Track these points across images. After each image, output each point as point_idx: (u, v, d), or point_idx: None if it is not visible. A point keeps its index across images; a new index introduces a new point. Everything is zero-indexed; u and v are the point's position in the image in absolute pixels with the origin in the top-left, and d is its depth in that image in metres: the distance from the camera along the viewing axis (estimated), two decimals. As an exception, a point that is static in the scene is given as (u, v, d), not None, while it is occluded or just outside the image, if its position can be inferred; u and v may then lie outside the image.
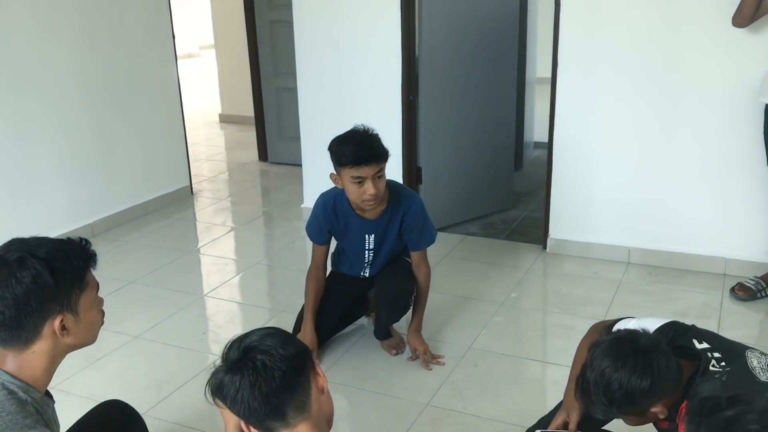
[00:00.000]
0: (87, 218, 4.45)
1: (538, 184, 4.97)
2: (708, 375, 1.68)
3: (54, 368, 1.61)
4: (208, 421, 2.64)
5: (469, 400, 2.75)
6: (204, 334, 3.35)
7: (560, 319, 3.39)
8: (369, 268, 3.05)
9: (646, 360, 1.64)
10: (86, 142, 4.43)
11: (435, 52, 4.20)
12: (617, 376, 1.63)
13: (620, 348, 1.67)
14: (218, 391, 1.41)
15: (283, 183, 5.68)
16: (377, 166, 2.68)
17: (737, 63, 3.44)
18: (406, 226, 2.89)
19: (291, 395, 1.39)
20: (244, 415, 1.41)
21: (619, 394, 1.64)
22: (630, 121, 3.74)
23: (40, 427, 1.48)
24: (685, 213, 3.75)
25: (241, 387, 1.37)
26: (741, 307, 3.39)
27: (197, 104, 8.27)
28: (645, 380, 1.62)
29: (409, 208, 2.87)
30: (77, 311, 1.56)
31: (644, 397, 1.64)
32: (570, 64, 3.77)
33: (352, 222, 2.90)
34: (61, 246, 1.57)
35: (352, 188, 2.72)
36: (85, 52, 4.35)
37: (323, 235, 2.98)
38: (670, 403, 1.70)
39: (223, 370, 1.40)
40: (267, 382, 1.37)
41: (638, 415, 1.72)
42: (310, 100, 4.52)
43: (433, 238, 2.97)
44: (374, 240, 2.94)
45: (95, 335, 1.66)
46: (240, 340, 1.44)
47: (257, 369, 1.37)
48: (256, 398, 1.37)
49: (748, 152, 3.50)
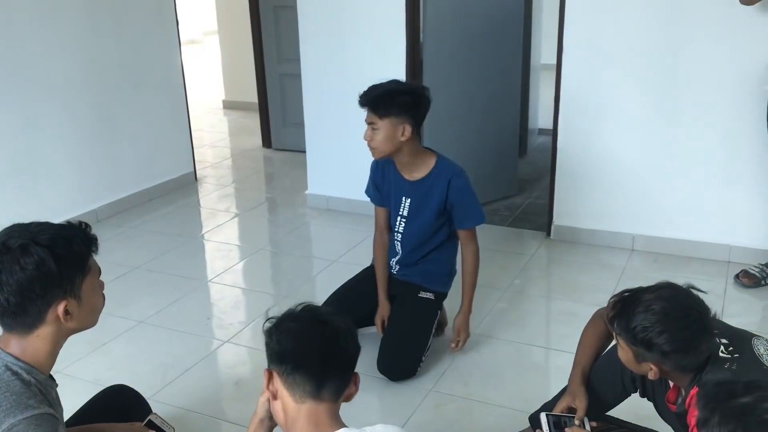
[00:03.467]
0: (91, 204, 4.46)
1: (542, 170, 4.96)
2: (718, 361, 1.69)
3: (57, 351, 1.62)
4: (213, 406, 2.66)
5: (473, 386, 2.76)
6: (208, 319, 3.36)
7: (564, 306, 3.40)
8: (399, 245, 2.93)
9: (692, 335, 1.65)
10: (90, 128, 4.43)
11: (439, 38, 4.19)
12: (659, 325, 1.64)
13: (682, 308, 1.67)
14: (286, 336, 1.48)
15: (287, 169, 5.68)
16: (371, 116, 2.65)
17: (742, 50, 3.42)
18: (453, 198, 2.76)
19: (338, 375, 1.47)
20: (295, 363, 1.46)
21: (644, 335, 1.65)
22: (635, 109, 3.72)
23: (45, 407, 1.49)
24: (690, 200, 3.74)
25: (314, 340, 1.46)
26: (745, 294, 3.39)
27: (201, 90, 8.25)
28: (672, 347, 1.64)
29: (453, 177, 2.75)
30: (80, 296, 1.57)
31: (660, 355, 1.66)
32: (575, 50, 3.75)
33: (394, 181, 2.86)
34: (63, 231, 1.57)
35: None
36: (89, 39, 4.34)
37: (376, 192, 2.95)
38: (671, 375, 1.74)
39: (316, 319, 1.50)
40: (338, 354, 1.47)
41: (638, 358, 1.72)
42: (314, 86, 4.51)
43: (480, 217, 2.82)
44: (409, 206, 2.85)
45: (95, 320, 1.67)
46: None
47: (339, 331, 1.47)
48: (317, 359, 1.44)
49: (752, 139, 3.48)
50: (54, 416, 1.51)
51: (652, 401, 2.07)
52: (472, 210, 2.82)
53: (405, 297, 2.93)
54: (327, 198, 4.68)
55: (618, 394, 2.09)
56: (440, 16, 4.15)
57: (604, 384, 2.08)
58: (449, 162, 2.83)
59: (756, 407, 1.12)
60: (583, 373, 2.09)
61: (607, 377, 2.07)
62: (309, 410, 1.43)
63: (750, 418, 1.11)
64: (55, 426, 1.50)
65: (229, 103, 7.82)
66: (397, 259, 2.97)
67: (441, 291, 2.97)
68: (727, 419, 1.12)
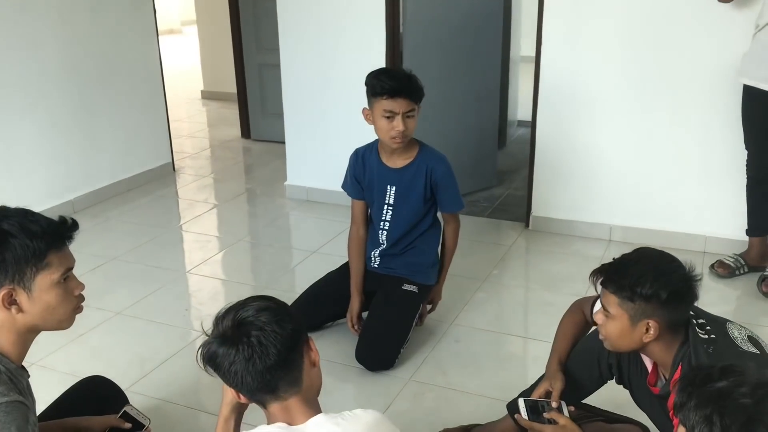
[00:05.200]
0: (68, 194, 4.41)
1: (521, 162, 4.98)
2: (698, 341, 1.73)
3: (23, 343, 1.60)
4: (191, 397, 2.65)
5: (451, 375, 2.78)
6: (186, 310, 3.34)
7: (542, 296, 3.42)
8: (385, 234, 2.93)
9: (683, 279, 1.73)
10: (67, 118, 4.37)
11: (419, 29, 4.18)
12: (653, 273, 1.72)
13: (667, 259, 1.78)
14: (211, 361, 1.41)
15: (266, 160, 5.66)
16: (410, 104, 2.64)
17: (719, 44, 3.46)
18: (436, 184, 2.81)
19: (284, 372, 1.40)
20: (236, 386, 1.42)
21: (642, 286, 1.70)
22: (613, 101, 3.75)
23: (14, 394, 1.48)
24: (666, 191, 3.78)
25: (235, 361, 1.37)
26: (719, 284, 3.44)
27: (179, 81, 8.18)
28: (669, 290, 1.70)
29: (436, 164, 2.80)
30: (30, 289, 1.54)
31: (658, 303, 1.70)
32: (554, 43, 3.77)
33: (377, 171, 2.86)
34: (28, 222, 1.54)
35: (381, 123, 2.68)
36: (65, 27, 4.28)
37: (355, 185, 2.94)
38: (663, 339, 1.77)
39: (217, 342, 1.40)
40: (262, 359, 1.37)
41: (635, 318, 1.75)
42: (293, 77, 4.49)
43: (462, 204, 2.91)
44: (395, 193, 2.85)
45: (60, 320, 1.62)
46: (234, 310, 1.42)
47: (252, 345, 1.37)
48: (250, 373, 1.37)
49: (727, 131, 3.52)
50: (24, 404, 1.50)
51: (628, 388, 2.10)
52: (456, 195, 2.88)
53: (388, 289, 2.92)
54: (306, 189, 4.66)
55: (595, 380, 2.12)
56: (420, 7, 4.15)
57: (581, 370, 2.10)
58: (431, 149, 2.87)
59: (732, 392, 1.12)
60: (560, 360, 2.12)
61: (584, 364, 2.10)
62: (278, 409, 1.43)
63: (726, 402, 1.11)
64: (26, 414, 1.48)
65: (207, 94, 7.76)
66: (380, 251, 2.96)
67: (425, 284, 2.97)
68: (704, 404, 1.12)
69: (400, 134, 2.67)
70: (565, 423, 1.96)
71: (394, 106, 2.63)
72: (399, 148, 2.77)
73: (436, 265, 3.01)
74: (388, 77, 2.67)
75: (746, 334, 1.77)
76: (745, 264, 3.49)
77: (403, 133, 2.67)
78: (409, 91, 2.64)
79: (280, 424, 1.41)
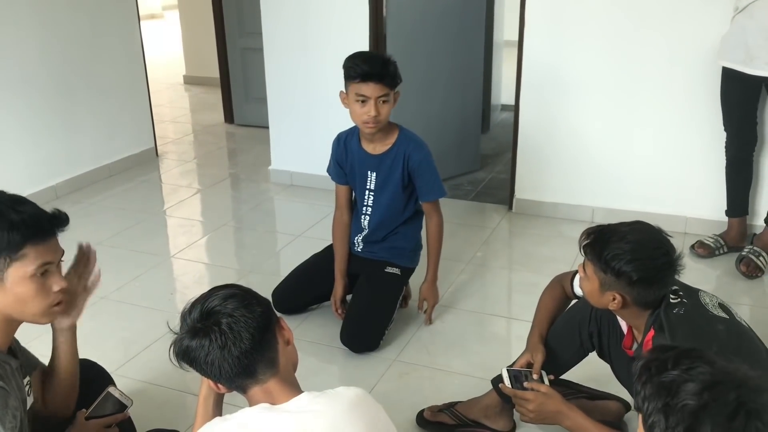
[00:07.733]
0: (50, 180, 4.39)
1: (504, 146, 5.01)
2: (669, 306, 1.77)
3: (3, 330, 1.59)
4: (176, 379, 2.66)
5: (436, 355, 2.80)
6: (172, 294, 3.35)
7: (525, 277, 3.45)
8: (367, 219, 2.93)
9: (660, 267, 1.75)
10: (48, 103, 4.34)
11: (403, 13, 4.18)
12: (631, 254, 1.74)
13: (654, 242, 1.78)
14: (186, 356, 1.41)
15: (249, 145, 5.64)
16: (383, 89, 2.61)
17: (698, 28, 3.49)
18: (413, 171, 2.78)
19: (260, 354, 1.40)
20: (215, 376, 1.42)
21: (615, 263, 1.74)
22: (594, 83, 3.78)
23: None
24: (647, 173, 3.82)
25: (210, 351, 1.38)
26: (700, 264, 3.49)
27: (161, 65, 8.12)
28: (640, 275, 1.73)
29: (413, 151, 2.76)
30: (2, 279, 1.52)
31: (627, 283, 1.75)
32: (537, 27, 3.78)
33: (357, 156, 2.84)
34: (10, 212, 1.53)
35: (355, 108, 2.66)
36: (46, 11, 4.23)
37: (338, 170, 2.93)
38: (630, 310, 1.83)
39: (189, 336, 1.40)
40: (236, 345, 1.37)
41: (604, 287, 1.80)
42: (276, 61, 4.47)
43: (443, 191, 2.86)
44: (376, 179, 2.84)
45: (34, 314, 1.60)
46: (201, 302, 1.43)
47: (224, 333, 1.37)
48: (227, 360, 1.38)
49: (706, 113, 3.56)
50: (4, 389, 1.49)
51: (609, 362, 2.14)
52: (437, 185, 2.84)
53: (371, 272, 2.93)
54: (290, 173, 4.66)
55: (575, 351, 2.16)
56: (403, -9, 4.14)
57: (562, 342, 2.15)
58: (410, 134, 2.84)
59: (680, 390, 1.06)
60: (541, 333, 2.18)
61: (565, 334, 2.15)
62: (258, 392, 1.43)
63: (673, 401, 1.06)
64: (5, 398, 1.48)
65: (190, 78, 7.71)
66: (363, 236, 2.97)
67: (407, 266, 2.99)
68: (654, 396, 1.08)
69: (372, 119, 2.64)
70: (546, 390, 2.03)
71: (367, 90, 2.61)
72: (374, 134, 2.75)
73: (418, 250, 3.02)
74: (362, 60, 2.64)
75: (717, 302, 1.84)
76: (724, 244, 3.54)
77: (375, 119, 2.64)
78: (381, 76, 2.60)
79: (263, 405, 1.41)
